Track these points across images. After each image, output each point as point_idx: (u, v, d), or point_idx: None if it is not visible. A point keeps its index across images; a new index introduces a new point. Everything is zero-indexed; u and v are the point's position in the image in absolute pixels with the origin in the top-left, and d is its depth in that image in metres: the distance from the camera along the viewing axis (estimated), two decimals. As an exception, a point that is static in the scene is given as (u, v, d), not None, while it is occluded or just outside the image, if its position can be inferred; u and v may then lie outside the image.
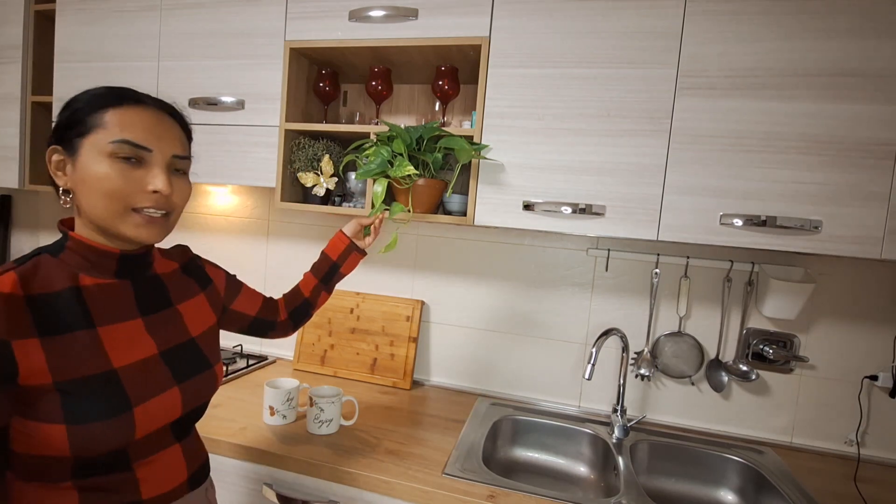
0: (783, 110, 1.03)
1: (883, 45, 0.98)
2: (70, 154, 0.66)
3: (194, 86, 1.42)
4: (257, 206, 1.76)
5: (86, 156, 0.65)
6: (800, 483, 1.15)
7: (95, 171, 0.65)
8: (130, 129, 0.66)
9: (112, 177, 0.65)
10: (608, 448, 1.28)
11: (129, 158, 0.66)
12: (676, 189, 1.09)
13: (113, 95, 0.68)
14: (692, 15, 1.07)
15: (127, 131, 0.66)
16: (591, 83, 1.13)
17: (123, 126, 0.66)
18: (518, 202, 1.18)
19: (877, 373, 1.30)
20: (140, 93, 0.71)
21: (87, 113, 0.66)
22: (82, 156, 0.65)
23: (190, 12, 1.41)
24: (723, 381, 1.37)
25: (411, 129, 1.18)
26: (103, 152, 0.65)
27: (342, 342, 1.62)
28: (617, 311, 1.46)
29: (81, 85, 1.63)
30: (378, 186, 1.17)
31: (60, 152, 0.67)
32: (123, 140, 0.65)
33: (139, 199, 0.67)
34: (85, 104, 0.67)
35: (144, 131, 0.67)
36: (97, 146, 0.65)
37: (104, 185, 0.65)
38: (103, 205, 0.65)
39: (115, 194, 0.65)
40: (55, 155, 0.67)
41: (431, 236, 1.61)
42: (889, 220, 1.00)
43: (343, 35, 1.29)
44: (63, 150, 0.67)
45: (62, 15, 1.54)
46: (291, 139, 1.38)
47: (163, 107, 0.72)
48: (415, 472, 1.06)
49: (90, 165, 0.65)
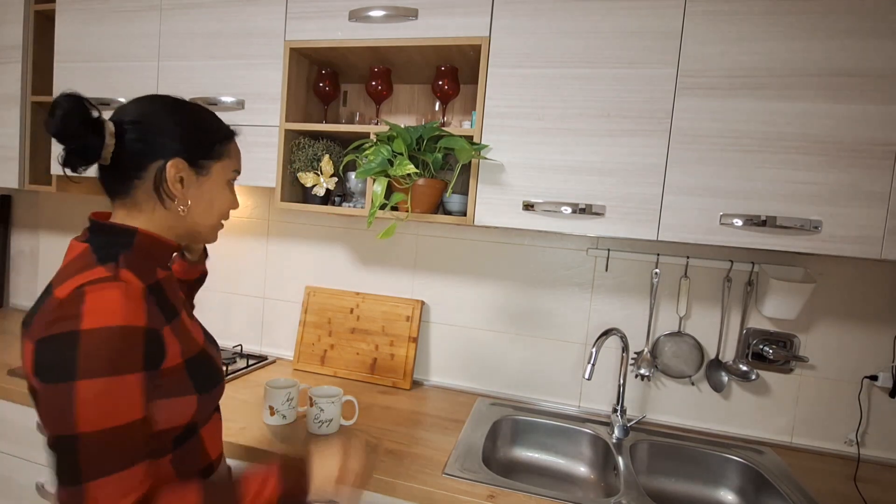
0: (783, 110, 1.03)
1: (883, 45, 0.98)
2: (197, 172, 0.74)
3: (194, 86, 1.42)
4: (257, 206, 1.77)
5: (215, 178, 0.77)
6: (800, 483, 1.15)
7: (220, 194, 0.78)
8: (238, 161, 0.82)
9: (229, 200, 0.81)
10: (608, 448, 1.28)
11: (232, 182, 0.81)
12: (676, 189, 1.09)
13: (229, 128, 0.81)
14: (692, 15, 1.07)
15: (237, 163, 0.82)
16: (591, 83, 1.13)
17: (237, 157, 0.82)
18: (518, 202, 1.18)
19: (877, 373, 1.30)
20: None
21: (218, 140, 0.77)
22: (211, 178, 0.76)
23: (190, 12, 1.41)
24: (723, 381, 1.37)
25: (411, 128, 1.18)
26: (225, 179, 0.79)
27: (342, 342, 1.62)
28: (617, 311, 1.46)
29: (81, 85, 1.63)
30: (378, 186, 1.18)
31: (185, 168, 0.72)
32: (237, 171, 0.82)
33: (228, 215, 0.82)
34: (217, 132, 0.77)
35: (240, 161, 0.83)
36: (224, 173, 0.78)
37: (224, 206, 0.80)
38: (213, 220, 0.79)
39: (223, 214, 0.81)
40: (177, 169, 0.71)
41: (431, 236, 1.61)
42: (889, 220, 1.00)
43: (343, 35, 1.29)
44: (189, 166, 0.73)
45: (62, 15, 1.54)
46: (291, 139, 1.38)
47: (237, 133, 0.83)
48: (415, 472, 1.06)
49: (215, 188, 0.77)
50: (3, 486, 1.39)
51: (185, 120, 0.73)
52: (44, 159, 1.66)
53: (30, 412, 1.32)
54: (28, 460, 1.35)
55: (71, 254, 0.70)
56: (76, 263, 0.66)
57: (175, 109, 0.74)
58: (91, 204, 1.98)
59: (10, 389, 1.32)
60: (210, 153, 0.75)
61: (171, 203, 0.72)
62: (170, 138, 0.71)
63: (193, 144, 0.73)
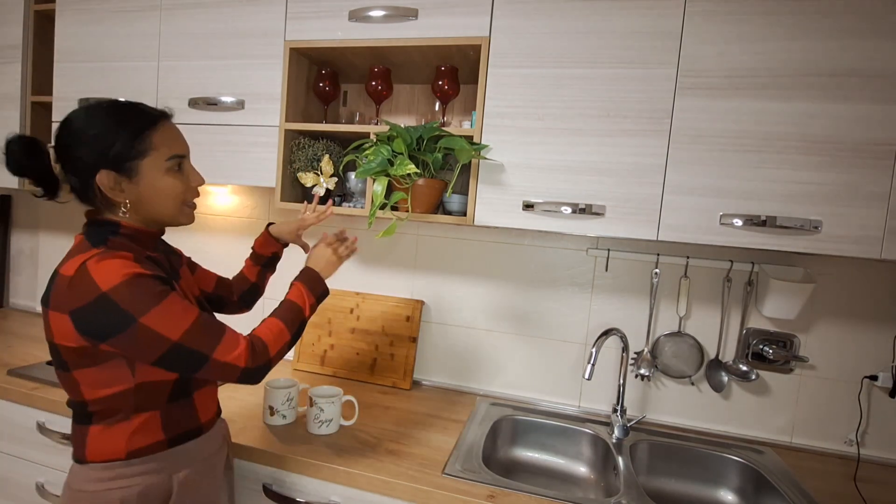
0: (783, 110, 1.03)
1: (883, 45, 0.98)
2: (128, 175, 0.79)
3: (194, 86, 1.42)
4: (257, 206, 1.76)
5: (148, 175, 0.81)
6: (800, 483, 1.15)
7: (161, 184, 0.82)
8: (172, 145, 0.83)
9: (176, 186, 0.84)
10: (608, 448, 1.28)
11: (178, 167, 0.84)
12: (676, 189, 1.09)
13: (152, 116, 0.82)
14: (692, 15, 1.07)
15: (174, 147, 0.83)
16: (591, 83, 1.13)
17: (169, 144, 0.83)
18: (518, 202, 1.18)
19: (877, 373, 1.30)
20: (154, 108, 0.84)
21: (135, 139, 0.79)
22: (144, 176, 0.80)
23: (190, 12, 1.41)
24: (723, 381, 1.37)
25: (411, 128, 1.18)
26: (161, 169, 0.82)
27: (342, 342, 1.62)
28: (617, 311, 1.46)
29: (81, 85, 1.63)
30: (378, 185, 1.17)
31: (113, 176, 0.79)
32: (175, 156, 0.83)
33: (189, 195, 0.87)
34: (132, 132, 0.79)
35: (179, 142, 0.85)
36: (156, 165, 0.81)
37: (170, 192, 0.83)
38: (170, 207, 0.84)
39: (177, 197, 0.84)
40: (107, 179, 0.78)
41: (431, 236, 1.61)
42: (889, 220, 1.00)
43: (343, 35, 1.29)
44: (116, 173, 0.79)
45: (62, 15, 1.54)
46: (291, 139, 1.38)
47: (169, 115, 0.86)
48: (415, 472, 1.06)
49: (154, 182, 0.81)
50: (3, 486, 1.39)
51: (102, 129, 0.78)
52: (44, 159, 1.66)
53: (30, 412, 1.32)
54: (28, 460, 1.35)
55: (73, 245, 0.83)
56: (75, 249, 0.80)
57: (89, 122, 0.79)
58: (91, 204, 1.98)
59: (9, 389, 1.32)
60: (130, 154, 0.79)
61: (114, 207, 0.81)
62: (92, 153, 0.78)
63: (111, 153, 0.78)
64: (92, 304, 0.72)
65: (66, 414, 1.27)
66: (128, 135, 0.79)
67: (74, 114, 0.81)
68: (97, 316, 0.72)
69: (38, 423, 1.31)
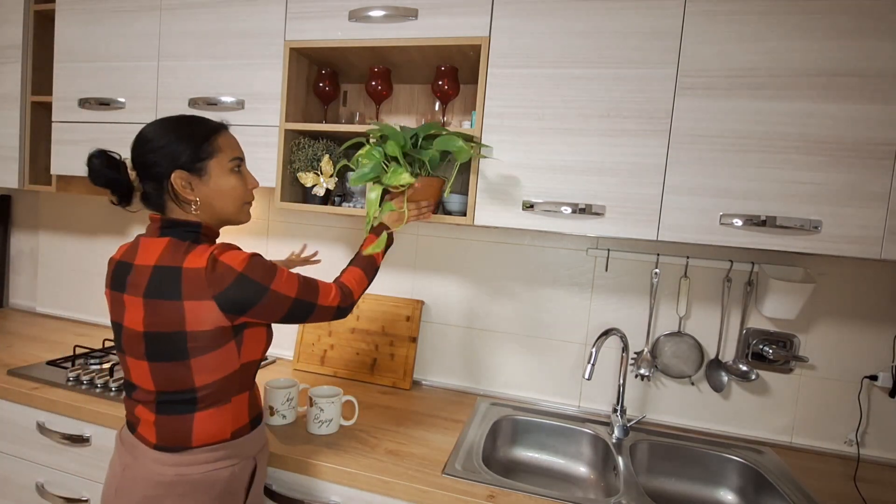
0: (783, 110, 1.03)
1: (883, 45, 0.98)
2: (198, 175, 0.89)
3: (194, 86, 1.42)
4: (257, 206, 1.76)
5: (215, 174, 0.91)
6: (800, 483, 1.15)
7: (225, 183, 0.92)
8: (234, 149, 0.95)
9: (238, 185, 0.94)
10: (608, 448, 1.28)
11: (238, 168, 0.94)
12: (676, 189, 1.09)
13: (214, 124, 0.93)
14: (692, 15, 1.07)
15: (234, 150, 0.94)
16: (591, 83, 1.13)
17: (231, 147, 0.94)
18: (518, 202, 1.18)
19: (877, 373, 1.30)
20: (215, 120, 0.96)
21: (204, 141, 0.90)
22: (212, 175, 0.91)
23: (190, 12, 1.41)
24: (723, 381, 1.37)
25: (407, 129, 1.16)
26: (225, 169, 0.92)
27: (342, 342, 1.62)
28: (617, 311, 1.46)
29: (81, 85, 1.63)
30: (372, 193, 1.12)
31: (186, 175, 0.88)
32: (236, 158, 0.94)
33: (248, 195, 0.97)
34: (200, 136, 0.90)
35: (238, 147, 0.96)
36: (221, 165, 0.91)
37: (234, 192, 0.94)
38: (232, 205, 0.94)
39: (239, 197, 0.95)
40: (180, 178, 0.88)
41: (431, 236, 1.61)
42: (889, 220, 1.00)
43: (343, 35, 1.29)
44: (188, 173, 0.88)
45: (62, 15, 1.54)
46: (291, 139, 1.38)
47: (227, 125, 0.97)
48: (414, 472, 1.06)
49: (220, 181, 0.92)
50: (3, 486, 1.39)
51: (173, 137, 0.88)
52: (44, 159, 1.66)
53: (30, 412, 1.32)
54: (28, 460, 1.35)
55: (155, 246, 0.89)
56: (176, 249, 0.87)
57: (162, 133, 0.89)
58: (90, 204, 1.98)
59: (9, 389, 1.32)
60: (201, 155, 0.89)
61: (187, 206, 0.90)
62: (166, 158, 0.88)
63: (184, 154, 0.88)
64: (234, 284, 0.84)
65: (66, 414, 1.27)
66: (198, 139, 0.89)
67: (148, 127, 0.91)
68: (240, 292, 0.85)
69: (38, 423, 1.31)
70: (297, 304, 0.92)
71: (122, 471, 0.90)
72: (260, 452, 0.99)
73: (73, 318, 2.02)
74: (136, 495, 0.87)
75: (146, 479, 0.87)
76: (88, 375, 1.36)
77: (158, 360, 0.87)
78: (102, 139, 1.50)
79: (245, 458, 0.94)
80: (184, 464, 0.87)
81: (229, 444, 0.91)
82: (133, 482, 0.87)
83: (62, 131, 1.56)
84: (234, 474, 0.91)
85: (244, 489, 0.94)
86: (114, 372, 1.38)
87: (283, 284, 0.90)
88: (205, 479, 0.88)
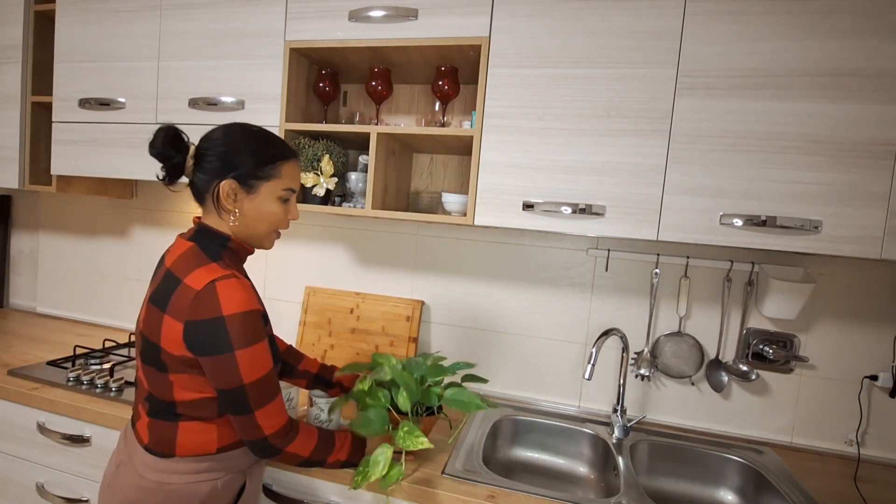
0: (783, 110, 1.03)
1: (883, 45, 0.98)
2: (247, 190, 0.88)
3: (194, 86, 1.42)
4: (257, 206, 1.76)
5: (264, 196, 0.90)
6: (800, 483, 1.15)
7: (269, 208, 0.91)
8: (293, 180, 0.93)
9: (278, 214, 0.93)
10: (608, 448, 1.28)
11: (286, 200, 0.93)
12: (676, 189, 1.09)
13: (287, 151, 0.92)
14: (692, 15, 1.07)
15: (293, 182, 0.93)
16: (591, 83, 1.13)
17: (291, 178, 0.93)
18: (518, 202, 1.18)
19: (877, 373, 1.30)
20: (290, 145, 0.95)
21: (269, 163, 0.89)
22: (260, 195, 0.89)
23: (190, 12, 1.41)
24: (723, 381, 1.37)
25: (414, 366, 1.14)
26: (275, 195, 0.91)
27: (342, 342, 1.62)
28: (617, 311, 1.46)
29: (81, 85, 1.62)
30: (381, 456, 0.95)
31: (236, 186, 0.87)
32: (290, 189, 0.93)
33: (284, 225, 0.95)
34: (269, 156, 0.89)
35: (297, 179, 0.95)
36: (273, 191, 0.90)
37: (273, 218, 0.92)
38: (264, 229, 0.93)
39: (274, 224, 0.93)
40: (229, 186, 0.87)
41: (431, 236, 1.61)
42: (889, 220, 1.00)
43: (343, 35, 1.29)
44: (239, 185, 0.87)
45: (62, 15, 1.54)
46: (291, 139, 1.38)
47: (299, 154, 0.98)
48: (415, 471, 1.05)
49: (265, 204, 0.90)
50: (3, 486, 1.39)
51: (243, 146, 0.88)
52: (44, 159, 1.66)
53: (30, 412, 1.32)
54: (28, 460, 1.35)
55: (179, 248, 0.88)
56: (190, 258, 0.85)
57: (234, 138, 0.89)
58: (90, 204, 1.98)
59: (9, 389, 1.32)
60: (259, 174, 0.88)
61: (224, 214, 0.89)
62: (226, 162, 0.87)
63: (245, 167, 0.87)
64: (208, 322, 0.79)
65: (66, 414, 1.27)
66: (264, 157, 0.89)
67: (228, 127, 0.91)
68: (207, 335, 0.80)
69: (38, 423, 1.31)
70: (239, 393, 0.81)
71: (116, 468, 0.91)
72: (252, 467, 0.97)
73: (73, 318, 2.02)
74: (119, 497, 0.88)
75: (130, 482, 0.87)
76: (89, 376, 1.36)
77: (147, 364, 0.87)
78: (102, 139, 1.50)
79: (233, 472, 0.92)
80: (166, 471, 0.87)
81: (214, 458, 0.89)
82: (121, 481, 0.89)
83: (62, 131, 1.55)
84: (215, 489, 0.89)
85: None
86: (114, 372, 1.38)
87: (248, 362, 0.81)
88: (183, 490, 0.86)
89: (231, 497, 0.92)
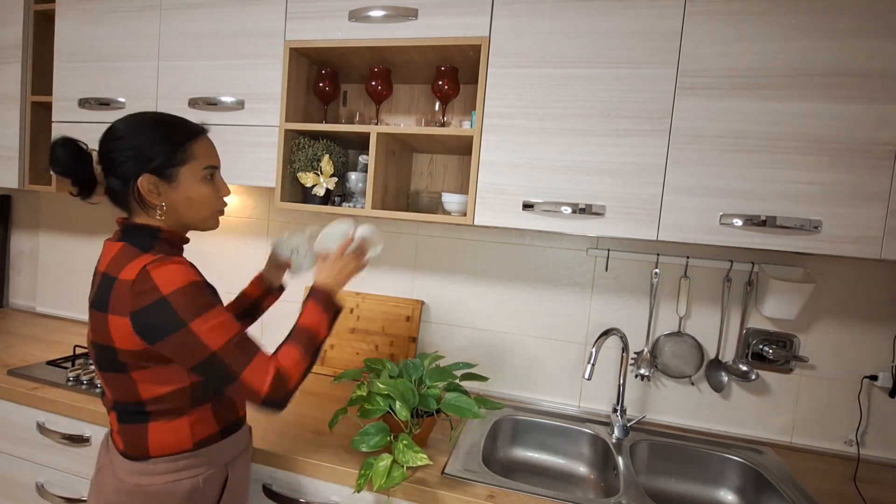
0: (783, 110, 1.03)
1: (883, 45, 0.98)
2: (168, 181, 0.85)
3: (194, 86, 1.42)
4: (257, 206, 1.76)
5: (185, 182, 0.86)
6: (800, 483, 1.15)
7: (196, 192, 0.88)
8: (210, 157, 0.90)
9: (209, 195, 0.90)
10: (608, 448, 1.28)
11: (211, 177, 0.90)
12: (676, 189, 1.09)
13: (195, 129, 0.89)
14: (692, 15, 1.07)
15: (210, 158, 0.90)
16: (591, 83, 1.13)
17: (207, 155, 0.89)
18: (518, 202, 1.18)
19: (877, 373, 1.30)
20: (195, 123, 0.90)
21: (178, 147, 0.85)
22: (182, 182, 0.86)
23: (190, 12, 1.41)
24: (723, 381, 1.37)
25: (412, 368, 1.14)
26: (197, 177, 0.88)
27: (342, 342, 1.62)
28: (617, 311, 1.46)
29: (81, 85, 1.62)
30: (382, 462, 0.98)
31: (154, 180, 0.84)
32: (211, 166, 0.90)
33: (220, 204, 0.93)
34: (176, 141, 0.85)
35: (214, 155, 0.91)
36: (194, 174, 0.87)
37: (205, 202, 0.89)
38: (202, 213, 0.90)
39: (209, 207, 0.91)
40: (148, 182, 0.83)
41: (431, 236, 1.61)
42: (889, 220, 1.00)
43: (343, 35, 1.29)
44: (157, 178, 0.84)
45: (62, 15, 1.54)
46: (291, 139, 1.38)
47: (207, 130, 0.92)
48: (414, 472, 1.05)
49: (190, 188, 0.87)
50: (3, 486, 1.39)
51: (145, 139, 0.84)
52: (44, 159, 1.66)
53: (30, 412, 1.32)
54: (28, 460, 1.35)
55: (110, 251, 0.85)
56: (122, 256, 0.82)
57: (135, 131, 0.85)
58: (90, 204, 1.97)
59: (9, 389, 1.32)
60: (174, 161, 0.85)
61: (151, 210, 0.86)
62: (138, 159, 0.83)
63: (158, 158, 0.84)
64: (151, 307, 0.77)
65: (66, 414, 1.27)
66: (172, 143, 0.85)
67: (122, 122, 0.86)
68: (154, 318, 0.77)
69: (38, 423, 1.31)
70: (214, 362, 0.78)
71: (98, 471, 0.91)
72: (236, 460, 0.94)
73: (73, 318, 2.02)
74: (102, 499, 0.87)
75: (111, 486, 0.87)
76: (88, 375, 1.36)
77: (105, 370, 0.85)
78: (102, 139, 1.50)
79: (213, 466, 0.90)
80: (144, 473, 0.85)
81: (192, 455, 0.87)
82: (103, 484, 0.88)
83: (62, 131, 1.55)
84: (197, 486, 0.87)
85: (212, 501, 0.90)
86: (114, 372, 1.38)
87: (207, 329, 0.78)
88: (162, 490, 0.85)
89: (216, 492, 0.90)
